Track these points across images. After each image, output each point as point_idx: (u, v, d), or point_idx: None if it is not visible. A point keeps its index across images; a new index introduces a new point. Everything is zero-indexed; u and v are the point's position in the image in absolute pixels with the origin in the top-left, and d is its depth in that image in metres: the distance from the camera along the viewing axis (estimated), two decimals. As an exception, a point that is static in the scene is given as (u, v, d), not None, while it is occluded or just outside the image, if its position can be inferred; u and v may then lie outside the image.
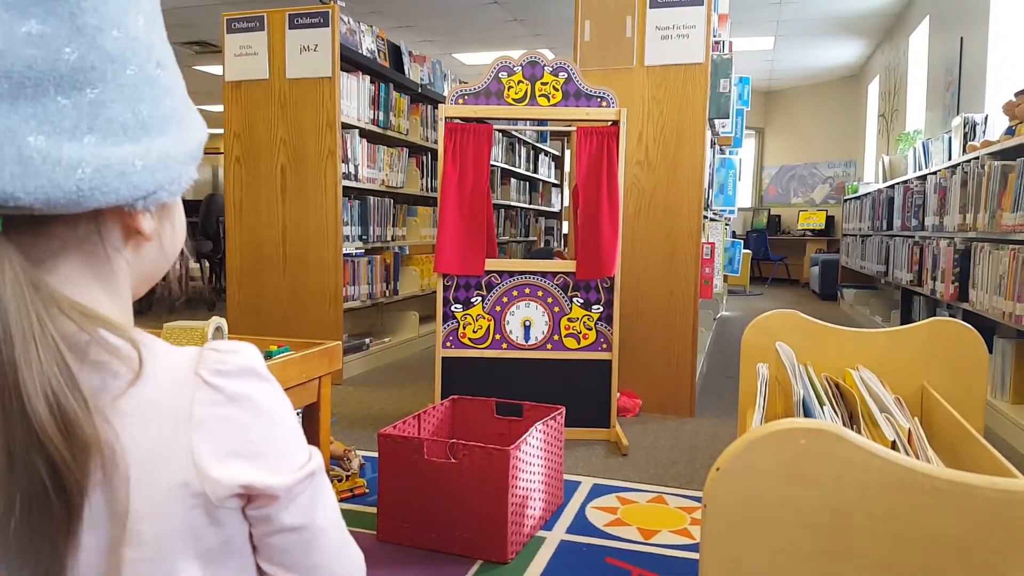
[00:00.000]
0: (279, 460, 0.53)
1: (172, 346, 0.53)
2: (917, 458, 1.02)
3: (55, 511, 0.44)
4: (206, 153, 0.58)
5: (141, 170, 0.49)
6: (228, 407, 0.51)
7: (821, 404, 1.14)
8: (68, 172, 0.45)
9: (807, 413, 1.10)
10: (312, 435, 1.79)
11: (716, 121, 3.65)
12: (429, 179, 4.67)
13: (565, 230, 7.77)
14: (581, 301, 2.70)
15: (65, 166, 0.45)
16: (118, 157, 0.48)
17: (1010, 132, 3.30)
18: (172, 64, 0.54)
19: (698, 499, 2.16)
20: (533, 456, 1.89)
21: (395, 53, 4.36)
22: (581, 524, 1.98)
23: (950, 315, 4.03)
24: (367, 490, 2.17)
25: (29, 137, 0.44)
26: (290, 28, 3.50)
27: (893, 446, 1.00)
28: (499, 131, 5.69)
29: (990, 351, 3.01)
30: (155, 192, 0.50)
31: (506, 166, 6.16)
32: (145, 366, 0.49)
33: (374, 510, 1.94)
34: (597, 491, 2.22)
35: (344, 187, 3.57)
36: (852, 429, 1.09)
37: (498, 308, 2.70)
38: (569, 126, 3.20)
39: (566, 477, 2.28)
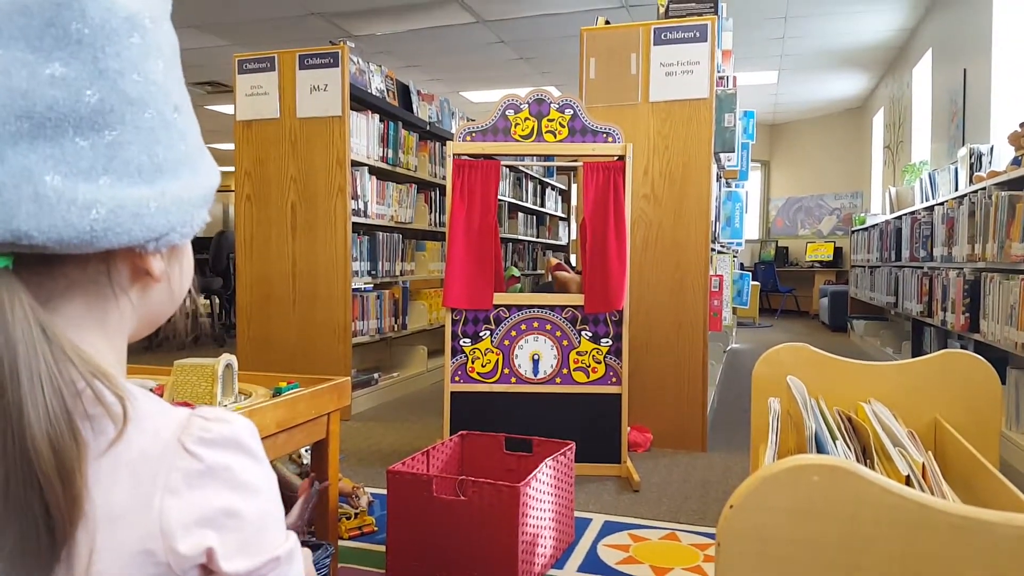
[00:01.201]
0: (247, 539, 0.51)
1: (162, 405, 0.52)
2: (932, 493, 1.00)
3: (43, 555, 0.43)
4: (217, 191, 0.59)
5: (155, 212, 0.50)
6: (205, 477, 0.49)
7: (834, 439, 1.13)
8: (83, 212, 0.46)
9: (819, 448, 1.09)
10: (321, 472, 1.78)
11: (722, 155, 3.68)
12: (437, 214, 4.71)
13: (573, 262, 7.79)
14: (590, 334, 2.70)
15: (80, 206, 0.46)
16: (132, 199, 0.48)
17: (1016, 162, 3.30)
18: (188, 109, 0.55)
19: (711, 535, 2.13)
20: (543, 493, 1.87)
21: (404, 92, 4.44)
22: (593, 562, 1.95)
23: (961, 346, 4.00)
24: (376, 528, 2.15)
25: (46, 176, 0.45)
26: (300, 68, 3.57)
27: (907, 481, 0.99)
28: (506, 166, 5.75)
29: (1003, 382, 2.98)
30: (167, 234, 0.51)
31: (513, 200, 6.21)
32: (129, 426, 0.47)
33: (383, 548, 1.92)
34: (609, 528, 2.19)
35: (353, 223, 3.60)
36: (865, 464, 1.08)
37: (507, 342, 2.70)
38: (575, 161, 3.23)
39: (577, 514, 2.25)
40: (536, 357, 2.70)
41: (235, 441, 0.51)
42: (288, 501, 0.57)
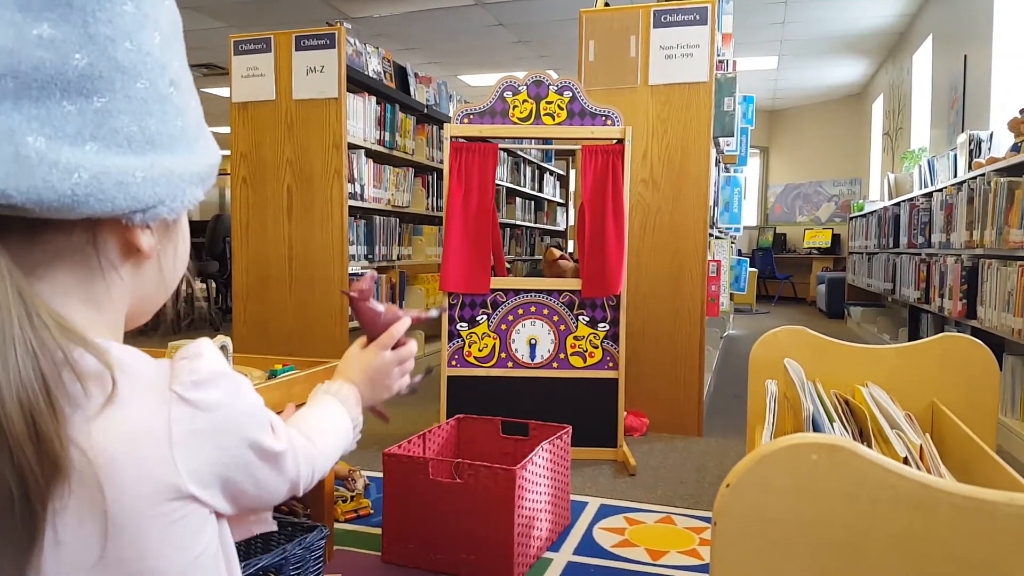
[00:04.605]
0: (256, 478, 0.56)
1: (148, 358, 0.52)
2: (930, 474, 1.00)
3: (19, 525, 0.43)
4: (213, 173, 0.58)
5: (141, 182, 0.49)
6: (204, 419, 0.51)
7: (831, 420, 1.12)
8: (64, 175, 0.45)
9: (816, 430, 1.09)
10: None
11: (721, 139, 3.66)
12: (435, 198, 4.68)
13: (571, 248, 7.78)
14: (587, 319, 2.69)
15: (62, 169, 0.45)
16: (118, 167, 0.48)
17: (1015, 149, 3.29)
18: (188, 86, 0.54)
19: (706, 519, 2.13)
20: (539, 476, 1.87)
21: (401, 74, 4.40)
22: (588, 545, 1.95)
23: (958, 332, 4.00)
24: (372, 511, 2.15)
25: (28, 137, 0.44)
26: (297, 50, 3.53)
27: (905, 462, 0.98)
28: (504, 150, 5.72)
29: (999, 368, 2.98)
30: (154, 206, 0.50)
31: (511, 185, 6.18)
32: (122, 386, 0.48)
33: (379, 531, 1.92)
34: (604, 511, 2.19)
35: (350, 207, 3.58)
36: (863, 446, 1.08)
37: (504, 326, 2.70)
38: (574, 145, 3.21)
39: (573, 497, 2.25)
40: (533, 341, 2.69)
41: (219, 372, 0.53)
42: None
